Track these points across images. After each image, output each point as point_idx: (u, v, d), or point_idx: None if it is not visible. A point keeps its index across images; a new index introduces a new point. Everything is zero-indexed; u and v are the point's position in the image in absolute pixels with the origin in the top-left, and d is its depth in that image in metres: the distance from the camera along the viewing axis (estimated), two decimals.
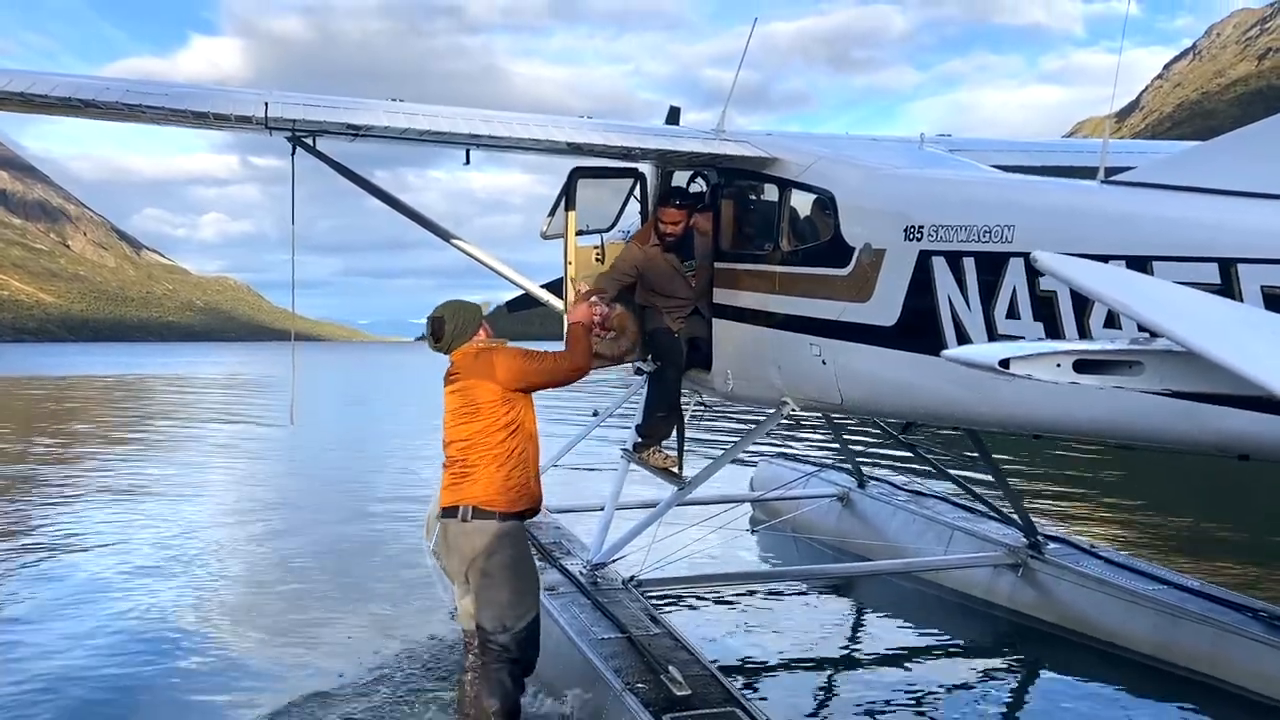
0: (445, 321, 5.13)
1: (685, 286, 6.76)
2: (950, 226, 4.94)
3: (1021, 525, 7.93)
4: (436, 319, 5.16)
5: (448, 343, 5.14)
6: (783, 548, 9.95)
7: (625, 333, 6.73)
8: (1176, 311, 2.88)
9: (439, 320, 5.14)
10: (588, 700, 5.35)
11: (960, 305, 4.82)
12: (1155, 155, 6.33)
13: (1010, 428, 5.20)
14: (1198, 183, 4.11)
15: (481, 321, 5.24)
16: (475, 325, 5.19)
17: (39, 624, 7.97)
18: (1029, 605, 7.54)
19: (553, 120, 6.53)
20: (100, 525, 12.07)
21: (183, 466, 17.97)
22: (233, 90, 6.23)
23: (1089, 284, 2.95)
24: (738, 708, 4.86)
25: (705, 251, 6.80)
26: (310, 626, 7.86)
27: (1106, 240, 4.18)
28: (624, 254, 6.84)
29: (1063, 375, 2.90)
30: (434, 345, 5.19)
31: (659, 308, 6.80)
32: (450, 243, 7.28)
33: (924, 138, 7.33)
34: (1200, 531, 11.40)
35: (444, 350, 5.16)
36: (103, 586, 9.08)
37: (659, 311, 6.80)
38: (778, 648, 7.26)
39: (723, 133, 6.90)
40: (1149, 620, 6.71)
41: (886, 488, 9.96)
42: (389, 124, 5.87)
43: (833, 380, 5.81)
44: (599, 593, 6.49)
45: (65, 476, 16.36)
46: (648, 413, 7.06)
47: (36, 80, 5.40)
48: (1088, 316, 4.15)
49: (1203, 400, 3.60)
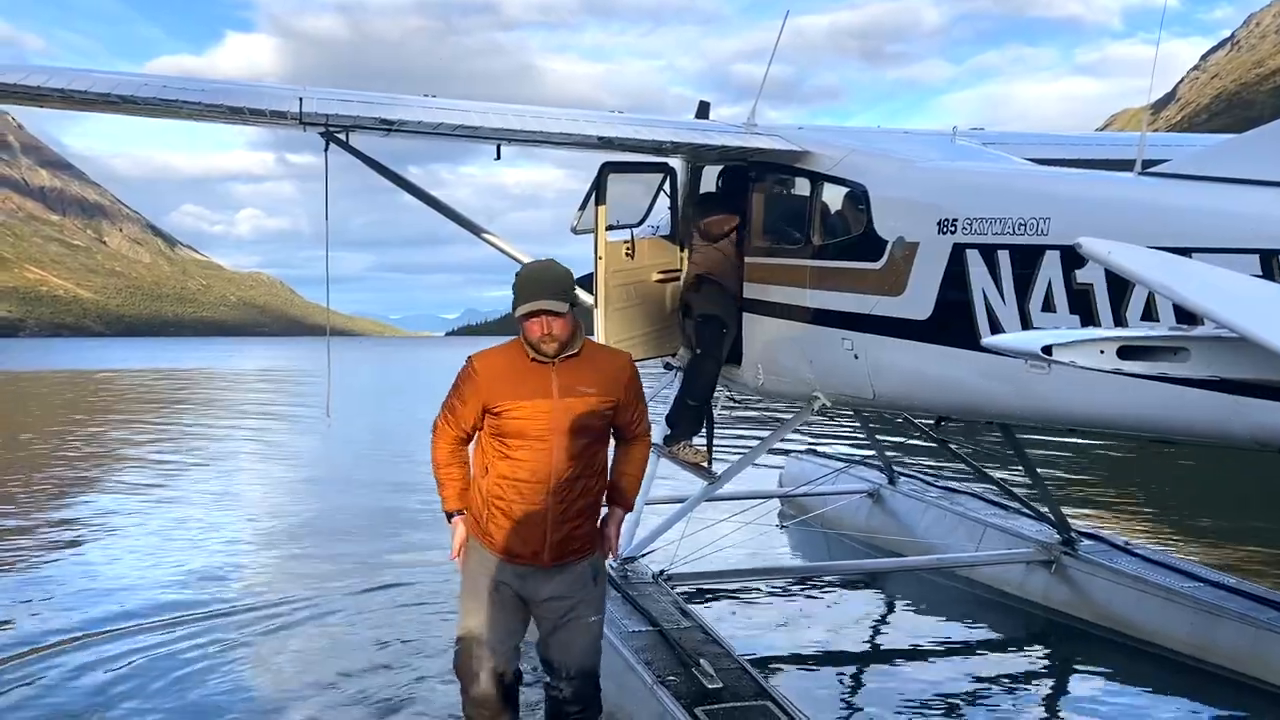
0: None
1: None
2: (984, 219, 4.90)
3: (1055, 522, 7.85)
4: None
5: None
6: (813, 543, 9.92)
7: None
8: (1227, 296, 2.81)
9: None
10: (619, 693, 5.36)
11: (995, 298, 4.79)
12: (1192, 147, 6.26)
13: (1045, 422, 5.16)
14: (1237, 174, 4.06)
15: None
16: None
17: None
18: (1062, 602, 7.47)
19: (583, 115, 6.54)
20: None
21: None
22: (268, 86, 6.31)
23: (1134, 268, 2.88)
24: (769, 701, 4.86)
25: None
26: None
27: (1144, 232, 4.12)
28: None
29: (1106, 362, 2.85)
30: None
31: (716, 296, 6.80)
32: (482, 238, 7.32)
33: (957, 131, 7.28)
34: (1237, 530, 11.23)
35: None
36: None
37: (712, 300, 6.80)
38: (808, 642, 7.24)
39: (753, 127, 6.89)
40: (1187, 618, 6.62)
41: (917, 484, 9.90)
42: (421, 119, 5.90)
43: (865, 375, 5.79)
44: (630, 587, 6.51)
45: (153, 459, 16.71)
46: (679, 403, 7.06)
47: (75, 77, 5.49)
48: (1125, 309, 4.11)
49: (1249, 389, 3.54)
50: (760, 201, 6.86)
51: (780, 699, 4.89)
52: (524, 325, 4.00)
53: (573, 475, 4.06)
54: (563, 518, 4.08)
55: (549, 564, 4.13)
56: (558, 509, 4.07)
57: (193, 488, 14.54)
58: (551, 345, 3.98)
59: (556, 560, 4.13)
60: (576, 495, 4.10)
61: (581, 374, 4.07)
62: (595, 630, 4.31)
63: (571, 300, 4.05)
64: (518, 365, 4.07)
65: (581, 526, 4.17)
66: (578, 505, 4.12)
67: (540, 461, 4.03)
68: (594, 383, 4.08)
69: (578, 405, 4.03)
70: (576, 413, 4.03)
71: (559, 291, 3.99)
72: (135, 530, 11.32)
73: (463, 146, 6.60)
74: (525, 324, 3.99)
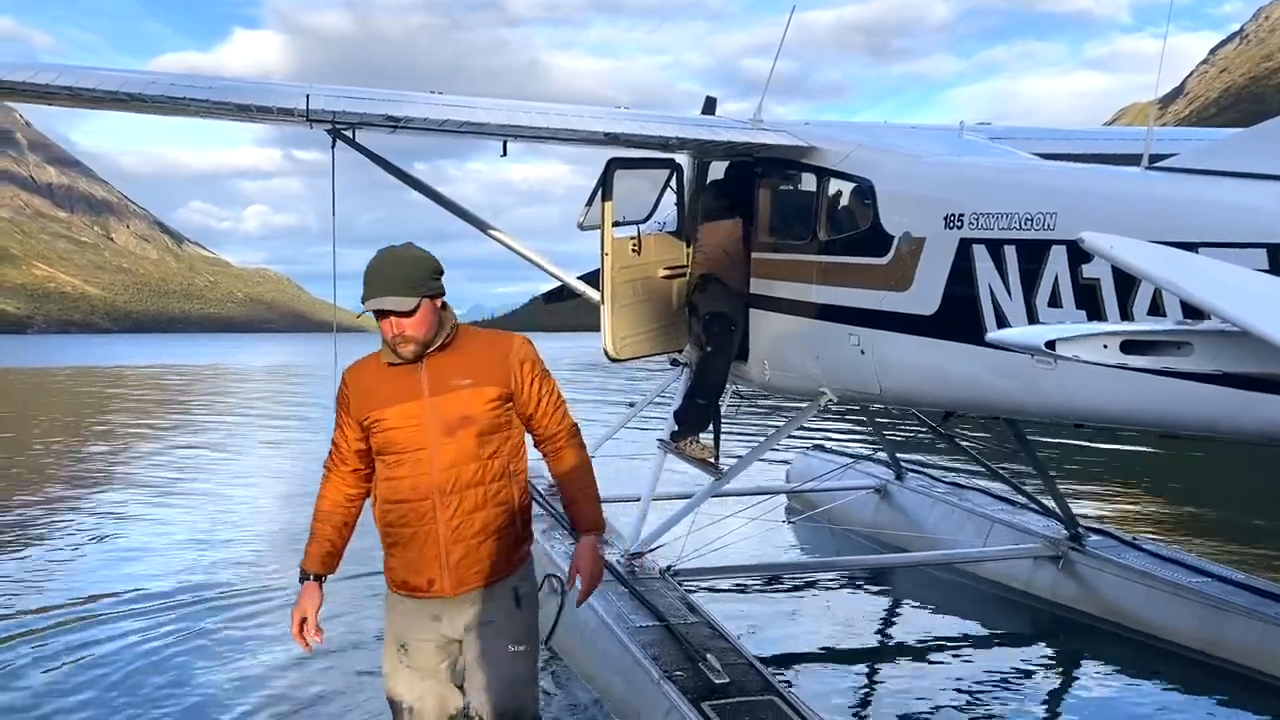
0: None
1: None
2: (991, 214, 4.89)
3: (1062, 517, 7.84)
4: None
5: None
6: (819, 539, 9.92)
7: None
8: (1230, 290, 2.81)
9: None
10: (626, 688, 5.38)
11: (1001, 293, 4.78)
12: (1199, 142, 6.24)
13: (1052, 416, 5.15)
14: (1244, 168, 4.04)
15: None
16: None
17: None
18: (1070, 598, 7.47)
19: (589, 111, 6.55)
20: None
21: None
22: (274, 83, 6.32)
23: (1137, 263, 2.89)
24: (776, 696, 4.86)
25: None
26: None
27: (1151, 227, 4.11)
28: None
29: (1109, 356, 2.85)
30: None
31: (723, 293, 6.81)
32: (488, 234, 7.34)
33: (963, 126, 7.27)
34: (1245, 525, 11.21)
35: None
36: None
37: (720, 297, 6.80)
38: (815, 637, 7.25)
39: (760, 122, 6.89)
40: (1195, 613, 6.62)
41: (925, 480, 9.90)
42: (427, 115, 5.91)
43: (872, 370, 5.78)
44: (636, 582, 6.52)
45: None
46: (688, 400, 7.07)
47: (83, 75, 5.52)
48: (1132, 304, 4.10)
49: (1257, 384, 3.54)
50: (766, 197, 6.85)
51: (787, 694, 4.90)
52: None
53: (462, 484, 3.44)
54: (457, 536, 3.45)
55: (452, 592, 3.49)
56: (450, 525, 3.44)
57: (210, 476, 14.88)
58: (408, 347, 3.40)
59: (462, 587, 3.49)
60: (471, 508, 3.46)
61: (452, 364, 3.48)
62: (519, 665, 3.58)
63: (429, 290, 3.41)
64: (384, 369, 3.50)
65: (486, 544, 3.50)
66: (476, 520, 3.47)
67: (420, 474, 3.43)
68: (468, 371, 3.47)
69: (452, 401, 3.44)
70: (452, 410, 3.44)
71: (408, 284, 3.36)
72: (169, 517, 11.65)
73: (469, 143, 6.61)
74: (379, 323, 3.44)
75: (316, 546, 3.61)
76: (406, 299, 3.35)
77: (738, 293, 6.81)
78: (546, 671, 6.19)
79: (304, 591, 3.60)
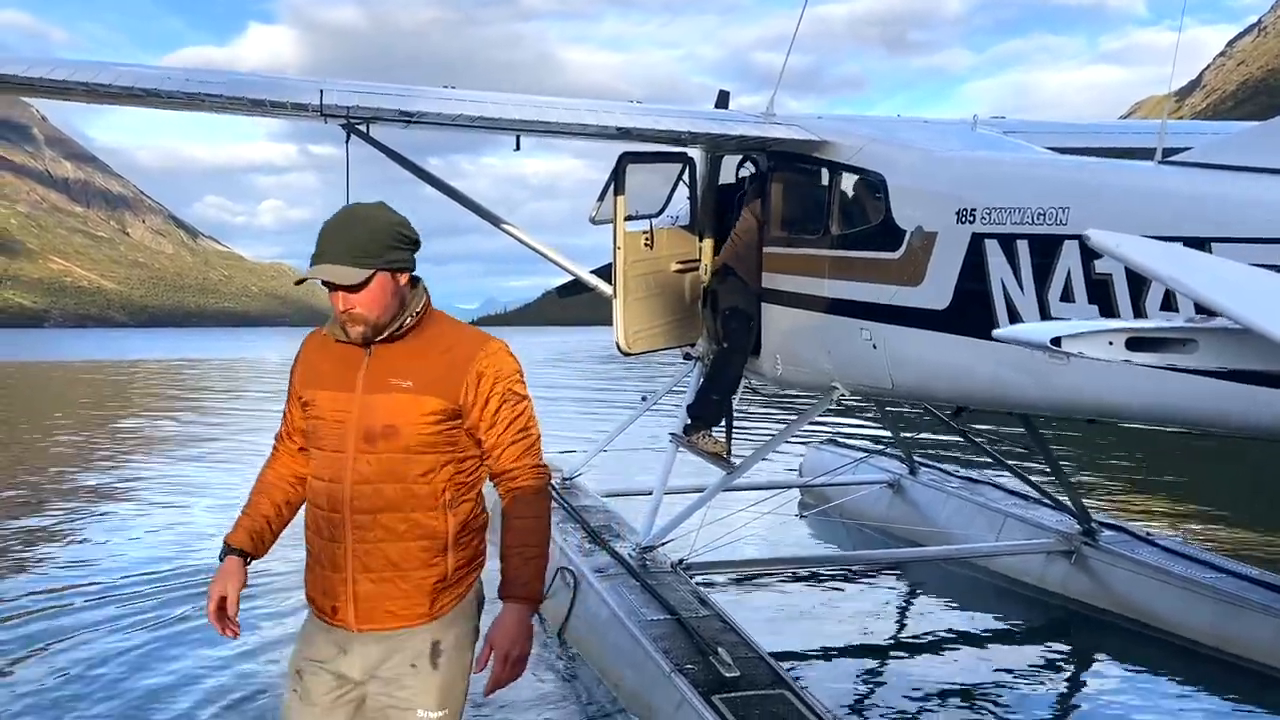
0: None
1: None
2: (1003, 209, 4.88)
3: (1075, 512, 7.82)
4: None
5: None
6: (832, 533, 9.92)
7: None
8: (1233, 288, 2.82)
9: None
10: (637, 680, 5.40)
11: (1013, 288, 4.77)
12: (1214, 135, 6.21)
13: (1065, 412, 5.15)
14: (1258, 162, 4.02)
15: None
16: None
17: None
18: (1083, 593, 7.45)
19: (602, 105, 6.56)
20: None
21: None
22: (289, 79, 6.36)
23: (1142, 261, 2.89)
24: (786, 689, 4.88)
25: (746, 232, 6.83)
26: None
27: (1164, 221, 4.11)
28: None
29: (1115, 354, 2.86)
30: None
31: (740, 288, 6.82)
32: (501, 228, 7.35)
33: (977, 119, 7.24)
34: (1261, 520, 11.15)
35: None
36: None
37: (738, 292, 6.81)
38: (827, 631, 7.25)
39: (772, 116, 6.88)
40: (1209, 609, 6.59)
41: (938, 474, 9.88)
42: (441, 110, 5.94)
43: (884, 365, 5.78)
44: (648, 575, 6.54)
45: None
46: (702, 395, 7.08)
47: (100, 71, 5.55)
48: (1144, 299, 4.09)
49: (1260, 380, 3.53)
50: (779, 191, 6.85)
51: (797, 688, 4.92)
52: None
53: (379, 505, 2.81)
54: (364, 565, 2.83)
55: (356, 627, 2.86)
56: (357, 550, 2.83)
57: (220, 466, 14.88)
58: (356, 329, 2.79)
59: (367, 624, 2.85)
60: (383, 536, 2.81)
61: (399, 359, 2.84)
62: None
63: (390, 263, 2.77)
64: (332, 344, 2.91)
65: (398, 583, 2.83)
66: (389, 551, 2.82)
67: (334, 481, 2.85)
68: (414, 373, 2.82)
69: (383, 404, 2.80)
70: (379, 414, 2.80)
71: (361, 252, 2.73)
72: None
73: (482, 137, 6.63)
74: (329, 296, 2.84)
75: (248, 520, 3.00)
76: (356, 270, 2.72)
77: (754, 289, 6.82)
78: (559, 664, 6.23)
79: (224, 567, 2.91)
